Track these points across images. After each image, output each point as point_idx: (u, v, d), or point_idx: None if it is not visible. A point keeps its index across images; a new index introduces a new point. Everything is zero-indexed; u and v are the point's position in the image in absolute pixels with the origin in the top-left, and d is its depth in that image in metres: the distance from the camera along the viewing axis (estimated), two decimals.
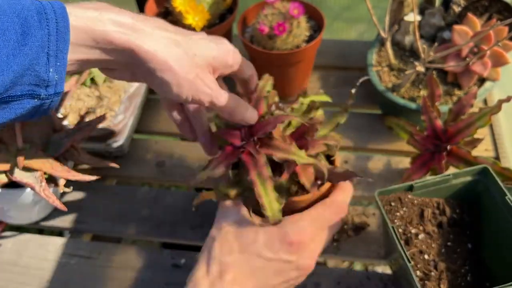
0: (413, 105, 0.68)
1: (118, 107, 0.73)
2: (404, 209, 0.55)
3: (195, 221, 0.68)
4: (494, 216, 0.54)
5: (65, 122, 0.63)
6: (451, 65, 0.67)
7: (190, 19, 0.73)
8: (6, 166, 0.56)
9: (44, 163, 0.56)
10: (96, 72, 0.75)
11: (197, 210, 0.57)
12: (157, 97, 0.86)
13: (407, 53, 0.77)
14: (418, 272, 0.52)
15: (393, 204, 0.55)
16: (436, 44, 0.74)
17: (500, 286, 0.46)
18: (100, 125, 0.70)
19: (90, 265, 0.65)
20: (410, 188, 0.55)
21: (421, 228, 0.55)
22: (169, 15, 0.81)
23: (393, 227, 0.50)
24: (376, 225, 0.65)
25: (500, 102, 0.58)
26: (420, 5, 0.79)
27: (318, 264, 0.51)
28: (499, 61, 0.67)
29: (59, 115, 0.65)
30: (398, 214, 0.55)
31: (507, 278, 0.48)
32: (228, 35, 0.80)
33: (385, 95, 0.71)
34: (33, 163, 0.56)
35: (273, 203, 0.46)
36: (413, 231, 0.55)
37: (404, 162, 0.72)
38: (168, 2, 0.80)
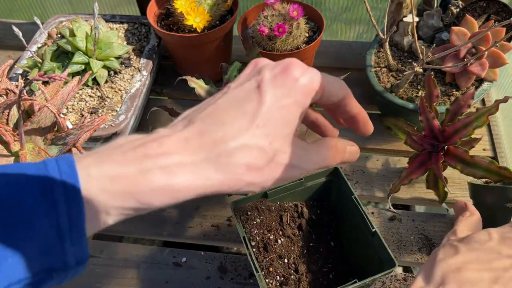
0: (411, 105, 0.69)
1: (119, 107, 0.74)
2: (261, 217, 0.57)
3: (196, 220, 0.69)
4: (349, 214, 0.56)
5: (67, 122, 0.64)
6: (449, 66, 0.68)
7: (191, 20, 0.74)
8: None
9: None
10: (97, 72, 0.75)
11: None
12: (158, 97, 0.87)
13: (406, 54, 0.78)
14: (278, 277, 0.54)
15: (249, 213, 0.56)
16: (434, 45, 0.74)
17: (361, 282, 0.47)
18: (102, 125, 0.70)
19: (92, 263, 0.66)
20: (265, 196, 0.56)
21: (281, 233, 0.57)
22: (170, 16, 0.82)
23: (244, 237, 0.52)
24: None
25: (498, 102, 0.58)
26: (419, 6, 0.79)
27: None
28: (497, 62, 0.68)
29: (62, 115, 0.66)
30: (255, 222, 0.56)
31: (367, 272, 0.50)
32: (228, 36, 0.81)
33: (383, 95, 0.71)
34: None
35: None
36: (272, 237, 0.56)
37: (402, 162, 0.72)
38: (169, 3, 0.81)
